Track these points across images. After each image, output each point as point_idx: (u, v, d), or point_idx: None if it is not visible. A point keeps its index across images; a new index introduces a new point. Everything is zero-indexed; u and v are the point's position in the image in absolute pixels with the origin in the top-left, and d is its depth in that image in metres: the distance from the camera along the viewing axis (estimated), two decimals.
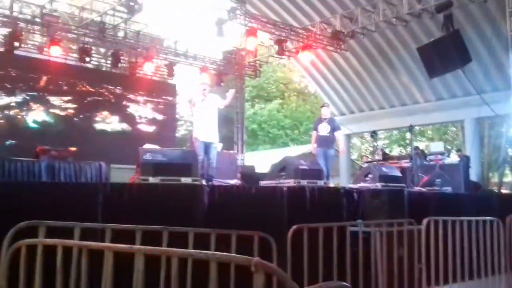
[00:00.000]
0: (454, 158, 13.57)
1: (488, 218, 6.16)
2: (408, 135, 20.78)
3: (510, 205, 8.66)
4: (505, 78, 12.97)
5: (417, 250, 5.52)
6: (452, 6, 11.99)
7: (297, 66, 20.91)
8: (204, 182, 6.43)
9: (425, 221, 5.29)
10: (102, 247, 2.77)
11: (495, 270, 6.16)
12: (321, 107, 10.99)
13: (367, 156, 16.74)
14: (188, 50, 16.09)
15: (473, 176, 13.58)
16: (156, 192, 4.95)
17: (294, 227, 4.42)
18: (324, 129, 10.21)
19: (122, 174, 8.94)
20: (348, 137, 19.89)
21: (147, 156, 5.67)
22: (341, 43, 14.91)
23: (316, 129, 10.33)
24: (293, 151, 23.14)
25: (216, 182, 7.52)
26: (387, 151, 21.20)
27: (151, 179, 5.37)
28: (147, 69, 14.96)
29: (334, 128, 10.30)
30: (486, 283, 6.03)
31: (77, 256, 2.88)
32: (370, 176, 7.84)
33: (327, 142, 10.17)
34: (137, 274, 2.45)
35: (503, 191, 21.78)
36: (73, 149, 9.20)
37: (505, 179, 25.70)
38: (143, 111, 15.58)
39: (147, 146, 13.79)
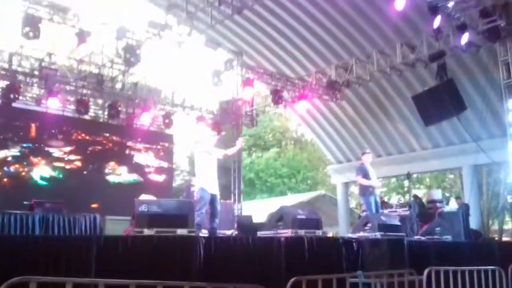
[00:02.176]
0: (453, 205, 13.50)
1: (490, 267, 6.06)
2: (406, 182, 20.75)
3: (511, 253, 8.53)
4: (501, 125, 13.10)
5: None
6: (445, 56, 12.24)
7: (294, 115, 21.11)
8: (201, 233, 6.30)
9: (426, 271, 5.19)
10: None
11: None
12: (365, 154, 10.20)
13: None
14: (185, 100, 16.27)
15: (473, 224, 13.44)
16: (151, 244, 4.85)
17: (292, 279, 4.30)
18: (375, 176, 9.71)
19: (117, 226, 8.82)
20: (346, 185, 19.83)
21: (143, 208, 5.60)
22: (336, 92, 15.13)
23: (366, 175, 9.55)
24: (291, 199, 22.99)
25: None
26: (385, 199, 21.08)
27: (146, 231, 5.28)
28: (145, 120, 15.05)
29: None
30: None
31: None
32: (369, 225, 7.75)
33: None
34: None
35: (504, 239, 21.53)
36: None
37: (505, 227, 25.46)
38: (140, 160, 15.57)
39: (143, 196, 13.71)
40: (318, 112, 18.34)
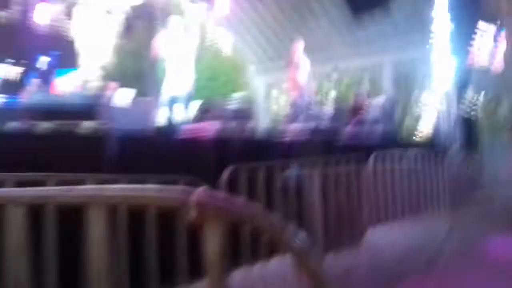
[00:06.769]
0: (378, 100, 13.73)
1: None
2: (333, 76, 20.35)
3: None
4: (424, 23, 12.96)
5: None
6: None
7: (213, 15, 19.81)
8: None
9: (372, 155, 4.88)
10: None
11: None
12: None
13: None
14: None
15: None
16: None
17: (229, 168, 3.68)
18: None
19: None
20: (269, 86, 19.44)
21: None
22: None
23: None
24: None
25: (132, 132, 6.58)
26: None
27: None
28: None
29: None
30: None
31: None
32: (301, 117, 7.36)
33: None
34: None
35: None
36: None
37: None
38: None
39: None
40: (239, 9, 17.21)
